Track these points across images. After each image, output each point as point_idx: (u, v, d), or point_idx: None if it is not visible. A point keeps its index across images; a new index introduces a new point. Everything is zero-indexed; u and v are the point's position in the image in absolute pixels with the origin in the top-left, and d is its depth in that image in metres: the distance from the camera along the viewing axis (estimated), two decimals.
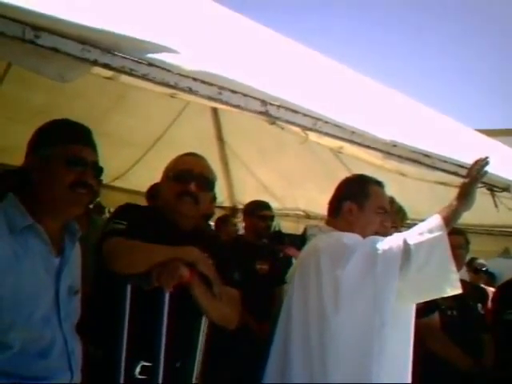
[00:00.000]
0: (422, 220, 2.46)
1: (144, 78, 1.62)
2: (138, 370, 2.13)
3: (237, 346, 4.14)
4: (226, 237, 5.35)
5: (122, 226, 2.22)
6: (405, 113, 2.90)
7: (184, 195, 2.29)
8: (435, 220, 2.35)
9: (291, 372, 2.36)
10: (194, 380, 2.31)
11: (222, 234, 5.26)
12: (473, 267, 6.61)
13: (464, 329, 3.70)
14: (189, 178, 2.31)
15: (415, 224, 2.54)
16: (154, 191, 3.96)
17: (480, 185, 2.50)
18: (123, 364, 2.11)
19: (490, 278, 7.08)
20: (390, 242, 2.34)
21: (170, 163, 2.46)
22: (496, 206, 2.66)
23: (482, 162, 2.41)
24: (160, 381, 2.13)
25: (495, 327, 4.08)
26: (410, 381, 2.47)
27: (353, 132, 2.08)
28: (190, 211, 2.32)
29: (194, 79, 1.68)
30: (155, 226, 2.27)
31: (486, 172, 2.43)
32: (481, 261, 6.54)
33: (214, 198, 3.80)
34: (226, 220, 5.47)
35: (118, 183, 5.30)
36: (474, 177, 2.40)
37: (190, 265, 2.17)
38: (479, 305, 3.92)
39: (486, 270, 6.74)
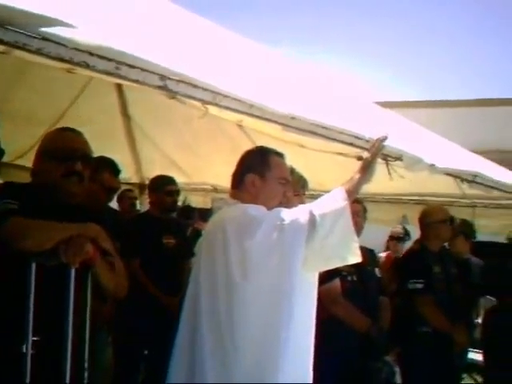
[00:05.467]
0: (325, 189, 2.57)
1: (38, 52, 1.60)
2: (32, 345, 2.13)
3: (147, 320, 4.19)
4: (123, 211, 5.38)
5: (14, 205, 2.20)
6: (303, 85, 2.98)
7: (71, 175, 2.31)
8: (339, 192, 2.45)
9: (201, 343, 2.41)
10: None
11: (120, 208, 5.28)
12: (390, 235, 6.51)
13: (364, 293, 3.89)
14: (74, 157, 2.32)
15: (319, 194, 2.65)
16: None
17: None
18: (30, 340, 2.09)
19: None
20: (297, 213, 2.41)
21: (48, 140, 2.45)
22: (390, 174, 2.81)
23: (382, 138, 2.55)
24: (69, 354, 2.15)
25: (397, 295, 4.34)
26: (313, 344, 2.60)
27: (251, 105, 2.12)
28: (77, 190, 2.36)
29: (91, 54, 1.67)
30: (40, 203, 2.28)
31: (384, 146, 2.58)
32: (397, 228, 6.35)
33: (118, 173, 3.79)
34: (121, 195, 5.46)
35: (20, 161, 5.14)
36: (374, 152, 2.54)
37: (91, 240, 2.19)
38: (376, 269, 4.14)
39: (402, 237, 6.46)
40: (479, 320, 5.59)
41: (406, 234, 6.45)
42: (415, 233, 4.73)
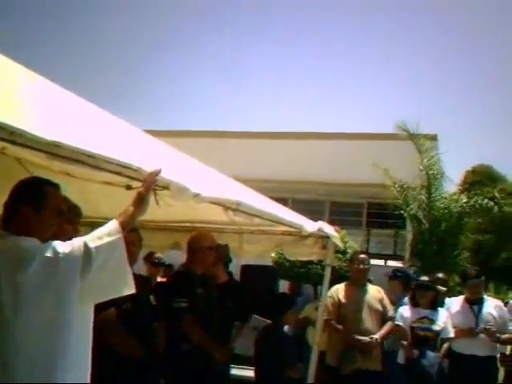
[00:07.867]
0: (103, 216, 2.58)
1: None
2: None
3: None
4: None
5: None
6: (71, 112, 2.94)
7: None
8: (113, 224, 2.52)
9: None
10: None
11: None
12: (151, 261, 7.06)
13: (138, 320, 3.96)
14: None
15: (96, 221, 2.65)
16: None
17: None
18: None
19: (168, 269, 7.59)
20: (71, 246, 2.42)
21: None
22: (157, 203, 2.89)
23: (156, 172, 2.65)
24: None
25: (165, 316, 4.46)
26: (89, 373, 2.59)
27: (12, 132, 2.04)
28: None
29: None
30: None
31: (157, 180, 2.68)
32: (158, 255, 6.98)
33: None
34: None
35: None
36: (148, 186, 2.64)
37: None
38: (151, 296, 4.23)
39: (163, 262, 7.27)
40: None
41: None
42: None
